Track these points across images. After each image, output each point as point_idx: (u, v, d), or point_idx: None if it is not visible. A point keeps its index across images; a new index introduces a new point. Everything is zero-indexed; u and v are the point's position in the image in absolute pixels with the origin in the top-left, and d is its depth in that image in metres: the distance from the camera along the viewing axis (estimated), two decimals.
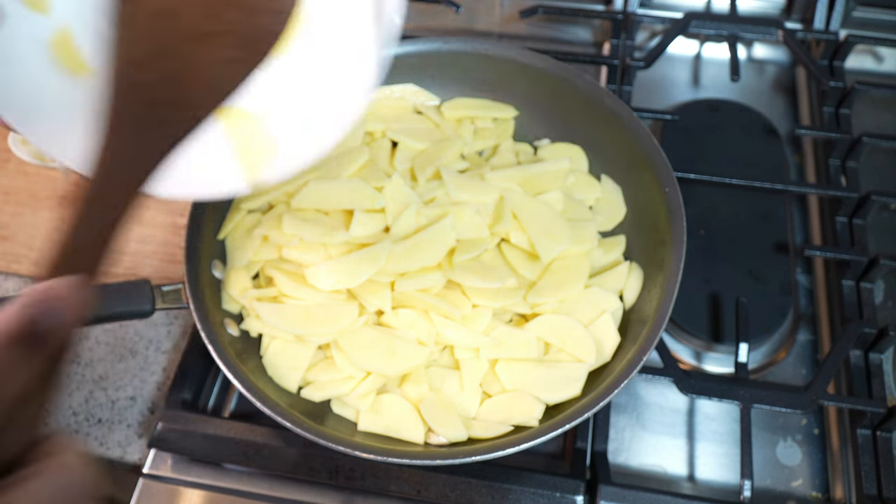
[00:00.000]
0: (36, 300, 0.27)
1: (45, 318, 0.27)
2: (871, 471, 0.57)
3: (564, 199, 0.63)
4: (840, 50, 0.80)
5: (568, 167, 0.65)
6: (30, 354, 0.27)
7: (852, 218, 0.69)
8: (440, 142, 0.66)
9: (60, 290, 0.28)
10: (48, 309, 0.27)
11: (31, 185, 0.78)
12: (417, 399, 0.55)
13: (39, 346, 0.27)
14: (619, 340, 0.56)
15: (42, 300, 0.27)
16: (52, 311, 0.28)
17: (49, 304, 0.28)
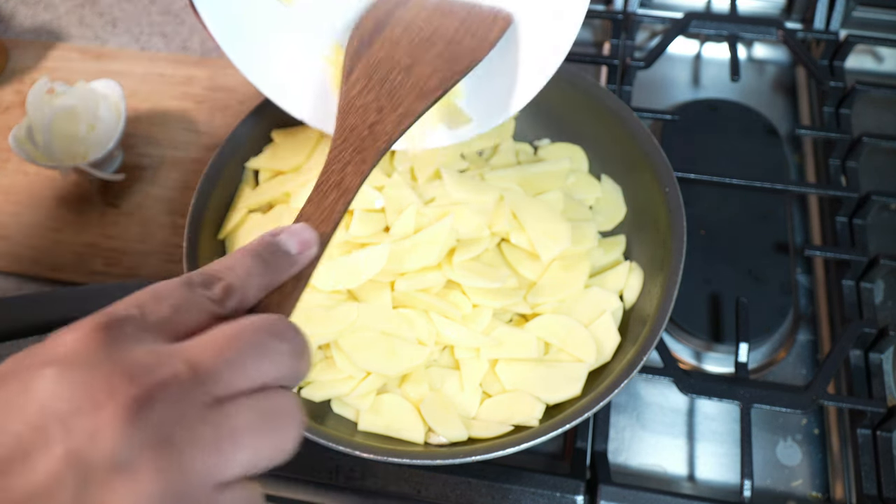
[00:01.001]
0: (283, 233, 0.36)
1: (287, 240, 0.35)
2: (871, 471, 0.57)
3: (564, 199, 0.63)
4: (840, 50, 0.80)
5: (568, 167, 0.65)
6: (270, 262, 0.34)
7: (852, 218, 0.69)
8: None
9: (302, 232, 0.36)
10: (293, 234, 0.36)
11: (31, 185, 0.78)
12: (417, 399, 0.55)
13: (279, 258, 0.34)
14: (619, 340, 0.56)
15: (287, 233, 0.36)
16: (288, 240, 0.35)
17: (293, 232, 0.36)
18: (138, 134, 0.80)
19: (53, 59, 0.88)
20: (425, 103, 0.46)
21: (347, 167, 0.41)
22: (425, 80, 0.46)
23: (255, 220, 0.62)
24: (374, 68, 0.47)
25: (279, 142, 0.66)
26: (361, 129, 0.44)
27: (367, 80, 0.47)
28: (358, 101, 0.45)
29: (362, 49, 0.48)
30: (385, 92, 0.46)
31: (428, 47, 0.48)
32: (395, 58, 0.48)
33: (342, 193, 0.40)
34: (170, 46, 0.90)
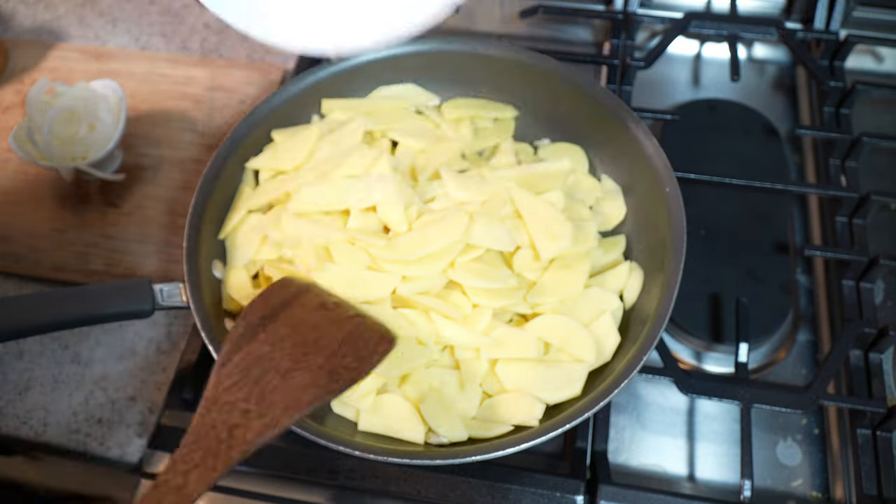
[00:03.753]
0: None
1: None
2: (871, 471, 0.57)
3: (565, 198, 0.63)
4: (840, 50, 0.80)
5: (569, 167, 0.65)
6: None
7: (852, 218, 0.69)
8: (440, 142, 0.66)
9: None
10: None
11: (31, 185, 0.78)
12: (417, 399, 0.55)
13: None
14: (619, 340, 0.56)
15: None
16: None
17: None
18: (138, 134, 0.80)
19: (53, 59, 0.88)
20: (292, 417, 0.44)
21: (192, 472, 0.39)
22: (300, 391, 0.44)
23: (254, 220, 0.62)
24: (253, 364, 0.45)
25: (279, 141, 0.66)
26: (221, 430, 0.41)
27: (241, 376, 0.44)
28: (226, 396, 0.43)
29: (244, 339, 0.46)
30: (256, 393, 0.44)
31: (310, 356, 0.46)
32: (275, 358, 0.46)
33: (181, 499, 0.37)
34: (170, 46, 0.90)
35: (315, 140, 0.64)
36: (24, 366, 0.67)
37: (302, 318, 0.49)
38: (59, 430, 0.63)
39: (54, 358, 0.67)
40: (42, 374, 0.66)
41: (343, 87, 0.69)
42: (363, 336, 0.49)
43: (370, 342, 0.49)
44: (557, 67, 0.67)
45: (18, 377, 0.66)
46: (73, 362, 0.67)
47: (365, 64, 0.69)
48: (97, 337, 0.68)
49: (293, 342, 0.47)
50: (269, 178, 0.65)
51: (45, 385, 0.65)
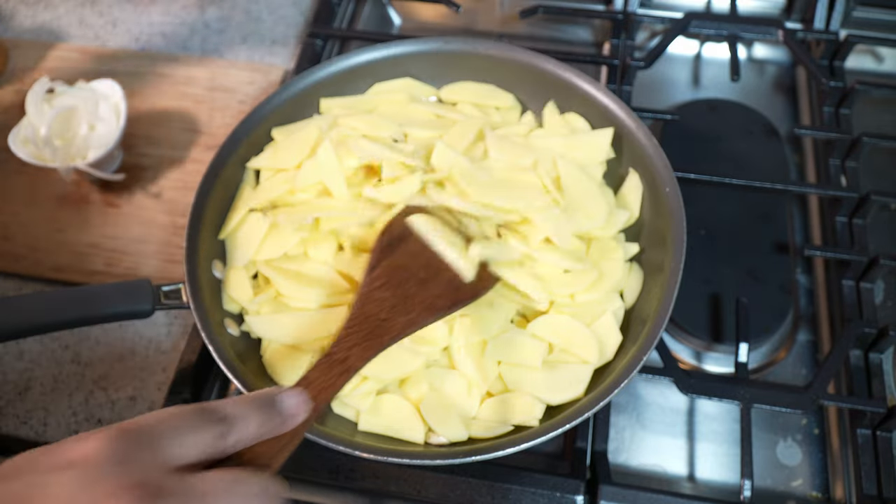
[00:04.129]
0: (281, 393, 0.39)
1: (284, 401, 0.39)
2: (871, 471, 0.57)
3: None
4: (840, 50, 0.80)
5: (611, 137, 0.64)
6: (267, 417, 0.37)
7: (852, 218, 0.69)
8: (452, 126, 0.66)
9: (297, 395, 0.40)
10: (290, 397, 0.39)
11: (31, 185, 0.78)
12: (417, 399, 0.55)
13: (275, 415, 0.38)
14: (620, 339, 0.56)
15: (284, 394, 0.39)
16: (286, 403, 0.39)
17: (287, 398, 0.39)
18: (138, 134, 0.80)
19: (53, 59, 0.88)
20: (431, 318, 0.50)
21: (354, 349, 0.45)
22: (434, 298, 0.51)
23: (255, 219, 0.62)
24: (395, 271, 0.52)
25: (279, 140, 0.66)
26: (373, 321, 0.48)
27: (387, 279, 0.52)
28: (376, 293, 0.50)
29: (387, 250, 0.54)
30: (400, 295, 0.51)
31: (439, 272, 0.53)
32: (412, 269, 0.53)
33: (345, 371, 0.44)
34: (170, 46, 0.90)
35: (315, 138, 0.64)
36: (24, 366, 0.67)
37: (424, 245, 0.55)
38: (59, 430, 0.63)
39: (54, 358, 0.67)
40: (42, 374, 0.66)
41: (343, 86, 0.69)
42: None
43: (484, 272, 0.55)
44: (557, 67, 0.67)
45: (18, 377, 0.66)
46: (73, 362, 0.67)
47: (364, 64, 0.69)
48: (97, 337, 0.68)
49: (425, 259, 0.54)
50: (270, 176, 0.65)
51: (45, 385, 0.65)
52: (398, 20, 0.93)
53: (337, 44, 0.86)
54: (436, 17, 0.92)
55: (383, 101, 0.69)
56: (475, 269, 0.54)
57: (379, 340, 0.47)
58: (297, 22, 0.91)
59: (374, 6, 0.92)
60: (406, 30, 0.92)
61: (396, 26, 0.93)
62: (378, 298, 0.50)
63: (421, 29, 0.92)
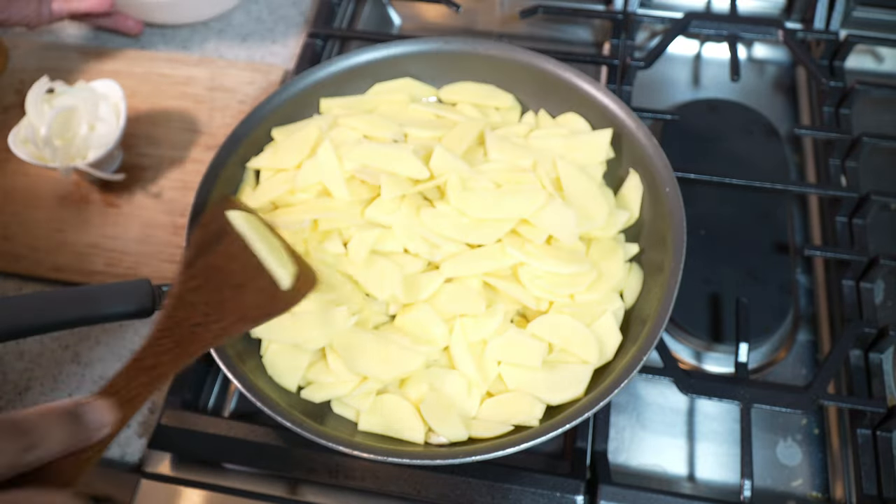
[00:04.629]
0: (85, 402, 0.38)
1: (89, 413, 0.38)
2: (871, 471, 0.57)
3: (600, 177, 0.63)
4: (840, 50, 0.80)
5: (610, 138, 0.64)
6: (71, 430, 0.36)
7: (852, 218, 0.69)
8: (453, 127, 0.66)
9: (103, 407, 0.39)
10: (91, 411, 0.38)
11: (31, 185, 0.78)
12: (417, 399, 0.55)
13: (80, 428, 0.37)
14: (620, 339, 0.56)
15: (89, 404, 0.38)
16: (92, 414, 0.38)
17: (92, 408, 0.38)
18: (138, 134, 0.80)
19: (53, 59, 0.88)
20: (243, 328, 0.49)
21: (165, 355, 0.43)
22: (248, 308, 0.49)
23: None
24: (212, 273, 0.50)
25: (279, 140, 0.66)
26: (185, 326, 0.46)
27: (203, 281, 0.49)
28: (191, 296, 0.48)
29: (205, 247, 0.51)
30: (214, 301, 0.48)
31: (255, 277, 0.51)
32: (230, 272, 0.50)
33: (154, 378, 0.42)
34: (170, 46, 0.90)
35: (315, 137, 0.64)
36: (24, 366, 0.67)
37: (242, 247, 0.53)
38: None
39: (54, 358, 0.67)
40: (42, 374, 0.66)
41: (343, 86, 0.69)
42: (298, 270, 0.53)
43: (303, 275, 0.53)
44: (557, 67, 0.67)
45: (18, 377, 0.66)
46: (73, 362, 0.67)
47: (364, 64, 0.69)
48: (97, 337, 0.68)
49: (242, 262, 0.51)
50: (270, 177, 0.65)
51: (45, 385, 0.65)
52: (398, 20, 0.93)
53: (337, 44, 0.86)
54: (436, 17, 0.92)
55: (383, 102, 0.69)
56: (291, 278, 0.52)
57: (191, 348, 0.45)
58: (297, 22, 0.91)
59: (374, 6, 0.92)
60: (406, 30, 0.92)
61: (396, 26, 0.93)
62: (192, 302, 0.47)
63: (421, 29, 0.92)
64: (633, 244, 0.61)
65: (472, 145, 0.65)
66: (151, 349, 0.43)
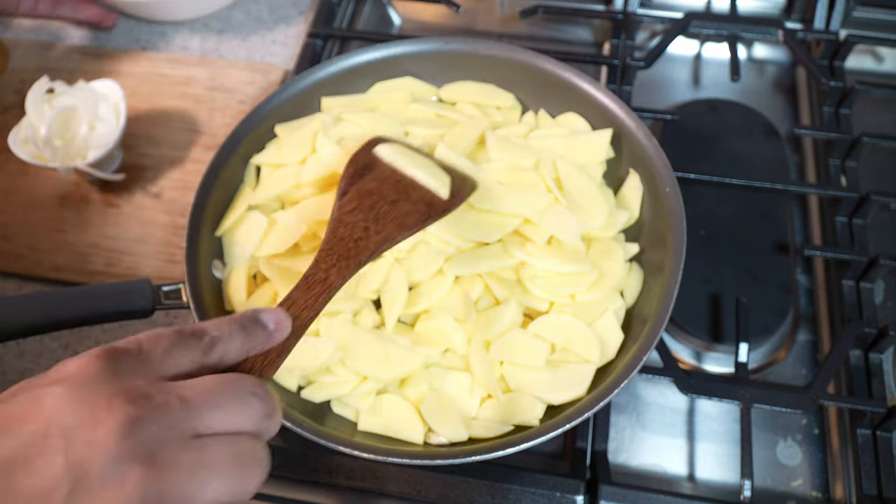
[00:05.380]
0: (264, 310, 0.40)
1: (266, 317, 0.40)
2: (871, 471, 0.57)
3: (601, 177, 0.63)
4: (840, 50, 0.80)
5: (610, 138, 0.64)
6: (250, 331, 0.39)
7: (852, 218, 0.69)
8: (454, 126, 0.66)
9: (279, 312, 0.41)
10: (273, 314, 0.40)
11: (31, 185, 0.78)
12: (417, 399, 0.55)
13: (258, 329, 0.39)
14: (622, 338, 0.56)
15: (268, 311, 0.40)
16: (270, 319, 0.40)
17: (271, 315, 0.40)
18: (138, 134, 0.80)
19: (53, 59, 0.88)
20: (404, 234, 0.52)
21: (332, 269, 0.47)
22: (405, 216, 0.53)
23: (253, 217, 0.62)
24: (366, 195, 0.54)
25: (283, 136, 0.66)
26: (348, 242, 0.50)
27: (357, 203, 0.53)
28: (348, 217, 0.52)
29: (356, 177, 0.55)
30: (372, 216, 0.52)
31: (408, 191, 0.55)
32: (382, 191, 0.54)
33: (326, 289, 0.46)
34: (170, 46, 0.90)
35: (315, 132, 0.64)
36: (24, 366, 0.67)
37: (392, 170, 0.57)
38: None
39: (54, 358, 0.67)
40: None
41: (343, 86, 0.69)
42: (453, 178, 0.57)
43: (459, 183, 0.57)
44: (557, 67, 0.67)
45: (18, 377, 0.66)
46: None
47: (364, 64, 0.69)
48: (97, 337, 0.68)
49: (394, 182, 0.55)
50: (271, 173, 0.65)
51: None
52: (398, 20, 0.93)
53: (337, 44, 0.86)
54: (436, 17, 0.92)
55: (384, 101, 0.69)
56: (448, 187, 0.56)
57: (356, 259, 0.49)
58: (297, 22, 0.91)
59: (374, 6, 0.92)
60: (406, 30, 0.92)
61: (396, 26, 0.93)
62: (350, 222, 0.51)
63: (421, 29, 0.92)
64: (634, 244, 0.61)
65: (474, 144, 0.65)
66: (319, 265, 0.47)
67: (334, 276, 0.47)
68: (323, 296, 0.45)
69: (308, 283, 0.45)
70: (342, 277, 0.47)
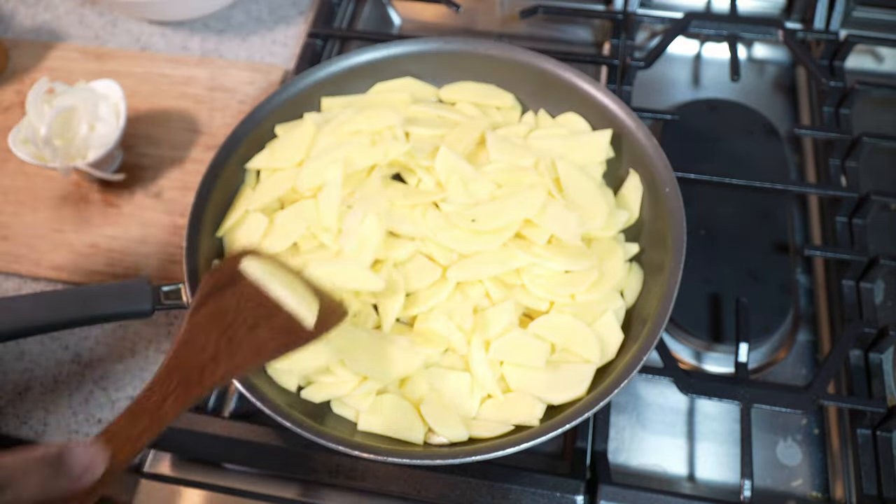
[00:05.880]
0: (72, 447, 0.36)
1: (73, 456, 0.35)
2: (871, 471, 0.57)
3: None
4: (840, 50, 0.80)
5: (609, 138, 0.64)
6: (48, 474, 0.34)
7: (852, 218, 0.69)
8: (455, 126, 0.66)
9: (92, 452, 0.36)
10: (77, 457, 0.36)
11: (31, 185, 0.78)
12: (417, 399, 0.55)
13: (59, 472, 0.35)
14: (622, 338, 0.56)
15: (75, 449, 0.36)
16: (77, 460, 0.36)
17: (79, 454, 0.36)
18: (138, 134, 0.80)
19: (53, 59, 0.88)
20: (259, 361, 0.48)
21: (170, 397, 0.43)
22: (263, 343, 0.48)
23: (254, 217, 0.62)
24: (221, 314, 0.48)
25: (281, 137, 0.66)
26: (192, 368, 0.45)
27: (213, 320, 0.48)
28: (199, 339, 0.46)
29: (214, 291, 0.49)
30: (225, 339, 0.47)
31: (270, 316, 0.50)
32: (242, 312, 0.49)
33: (155, 421, 0.41)
34: (170, 46, 0.90)
35: (312, 135, 0.64)
36: (24, 366, 0.67)
37: (255, 290, 0.51)
38: (59, 430, 0.63)
39: (54, 358, 0.67)
40: (42, 374, 0.66)
41: (343, 86, 0.69)
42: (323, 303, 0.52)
43: (327, 310, 0.52)
44: (557, 67, 0.67)
45: (18, 377, 0.66)
46: (73, 362, 0.67)
47: (364, 64, 0.69)
48: (97, 337, 0.68)
49: (256, 303, 0.50)
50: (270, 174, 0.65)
51: (45, 385, 0.65)
52: (398, 20, 0.93)
53: (337, 44, 0.86)
54: (436, 17, 0.92)
55: (385, 101, 0.69)
56: (315, 314, 0.50)
57: (197, 388, 0.44)
58: (297, 22, 0.91)
59: (374, 6, 0.92)
60: (406, 30, 0.92)
61: (396, 26, 0.93)
62: (200, 344, 0.46)
63: (421, 29, 0.92)
64: (633, 244, 0.61)
65: (474, 144, 0.65)
66: (154, 391, 0.42)
67: (170, 406, 0.42)
68: (150, 430, 0.40)
69: (135, 413, 0.41)
70: (179, 407, 0.42)
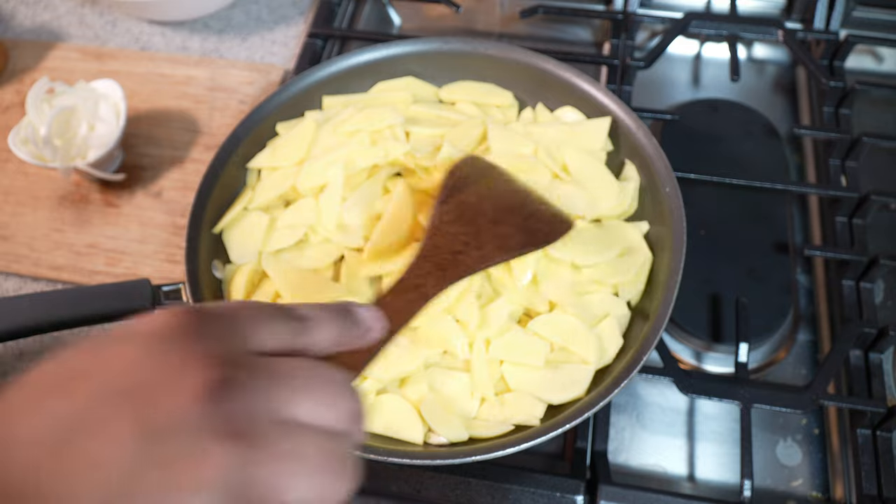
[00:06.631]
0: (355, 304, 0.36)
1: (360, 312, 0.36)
2: (871, 471, 0.57)
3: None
4: (840, 50, 0.80)
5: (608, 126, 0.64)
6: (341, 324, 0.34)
7: (852, 218, 0.69)
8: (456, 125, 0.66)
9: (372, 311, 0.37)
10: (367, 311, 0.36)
11: (31, 185, 0.78)
12: (417, 399, 0.55)
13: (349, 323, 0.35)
14: (621, 344, 0.56)
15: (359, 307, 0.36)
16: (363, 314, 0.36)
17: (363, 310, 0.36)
18: (138, 134, 0.80)
19: (53, 59, 0.88)
20: (505, 256, 0.49)
21: (429, 277, 0.44)
22: (507, 238, 0.50)
23: (253, 216, 0.62)
24: (465, 208, 0.51)
25: (282, 135, 0.66)
26: (445, 253, 0.47)
27: (457, 214, 0.50)
28: (446, 227, 0.49)
29: (457, 189, 0.53)
30: (472, 231, 0.49)
31: (512, 213, 0.52)
32: (484, 208, 0.51)
33: (420, 297, 0.42)
34: (170, 46, 0.90)
35: (312, 133, 0.64)
36: (24, 366, 0.67)
37: (498, 185, 0.55)
38: None
39: None
40: None
41: (342, 86, 0.69)
42: (546, 214, 0.54)
43: (555, 219, 0.54)
44: (557, 67, 0.67)
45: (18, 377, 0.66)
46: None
47: (364, 64, 0.69)
48: None
49: (496, 201, 0.53)
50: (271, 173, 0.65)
51: None
52: (398, 20, 0.93)
53: (337, 44, 0.86)
54: (436, 17, 0.92)
55: (385, 100, 0.69)
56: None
57: (453, 272, 0.46)
58: (297, 22, 0.91)
59: (374, 6, 0.92)
60: (406, 30, 0.92)
61: (396, 26, 0.93)
62: (449, 232, 0.49)
63: (421, 29, 0.92)
64: (644, 222, 0.61)
65: (475, 143, 0.65)
66: (413, 270, 0.44)
67: (430, 287, 0.43)
68: (416, 303, 0.41)
69: (402, 288, 0.42)
70: (438, 288, 0.44)
